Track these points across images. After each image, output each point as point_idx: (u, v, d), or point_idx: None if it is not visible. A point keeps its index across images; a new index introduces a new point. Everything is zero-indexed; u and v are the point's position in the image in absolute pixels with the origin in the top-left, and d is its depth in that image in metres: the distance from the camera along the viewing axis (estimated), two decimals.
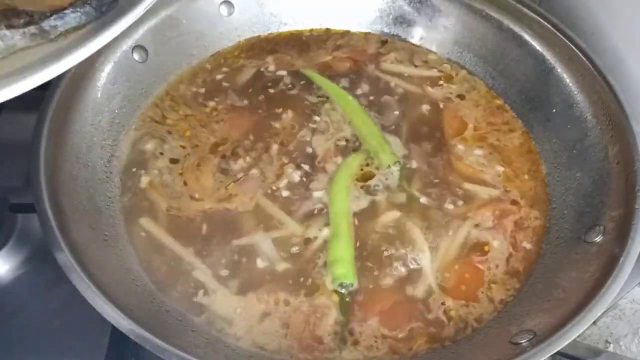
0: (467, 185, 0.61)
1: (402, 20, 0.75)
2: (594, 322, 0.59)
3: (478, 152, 0.64)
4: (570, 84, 0.63)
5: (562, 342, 0.44)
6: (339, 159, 0.62)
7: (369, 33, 0.76)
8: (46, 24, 0.40)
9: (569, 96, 0.63)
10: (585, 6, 0.67)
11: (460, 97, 0.70)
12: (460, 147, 0.64)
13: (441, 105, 0.68)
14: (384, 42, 0.75)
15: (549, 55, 0.65)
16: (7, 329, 0.57)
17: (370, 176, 0.61)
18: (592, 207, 0.56)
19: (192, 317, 0.51)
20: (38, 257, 0.62)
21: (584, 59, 0.61)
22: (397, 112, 0.67)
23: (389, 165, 0.62)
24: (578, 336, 0.45)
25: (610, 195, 0.54)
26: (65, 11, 0.40)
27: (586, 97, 0.61)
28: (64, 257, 0.46)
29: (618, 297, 0.61)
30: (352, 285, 0.53)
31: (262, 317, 0.52)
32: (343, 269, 0.53)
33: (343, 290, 0.53)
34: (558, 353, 0.45)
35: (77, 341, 0.57)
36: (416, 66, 0.73)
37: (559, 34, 0.63)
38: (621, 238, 0.49)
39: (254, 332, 0.51)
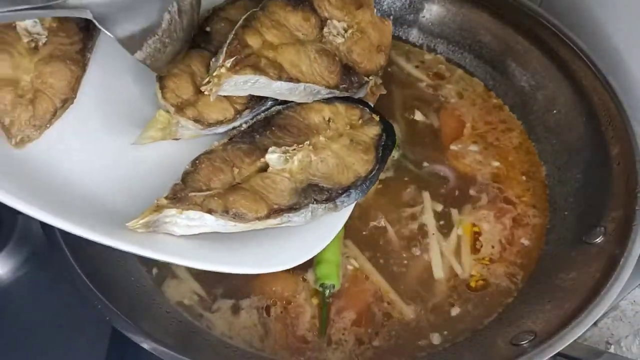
0: (466, 183, 0.61)
1: (401, 21, 0.74)
2: (595, 323, 0.59)
3: (475, 148, 0.64)
4: (571, 84, 0.63)
5: (562, 343, 0.44)
6: None
7: None
8: (339, 201, 0.49)
9: (569, 96, 0.63)
10: (585, 6, 0.67)
11: (459, 95, 0.69)
12: (458, 145, 0.64)
13: (437, 104, 0.68)
14: None
15: (549, 56, 0.65)
16: (7, 329, 0.57)
17: None
18: (592, 208, 0.55)
19: (191, 318, 0.51)
20: (38, 257, 0.62)
21: (584, 59, 0.61)
22: (390, 110, 0.67)
23: None
24: (579, 337, 0.45)
25: (610, 196, 0.54)
26: (350, 190, 0.49)
27: (586, 97, 0.61)
28: (64, 257, 0.46)
29: (619, 298, 0.61)
30: (333, 286, 0.53)
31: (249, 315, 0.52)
32: (328, 270, 0.53)
33: (326, 291, 0.53)
34: (559, 354, 0.45)
35: (77, 341, 0.57)
36: (416, 66, 0.72)
37: (559, 34, 0.63)
38: (622, 239, 0.49)
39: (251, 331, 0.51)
